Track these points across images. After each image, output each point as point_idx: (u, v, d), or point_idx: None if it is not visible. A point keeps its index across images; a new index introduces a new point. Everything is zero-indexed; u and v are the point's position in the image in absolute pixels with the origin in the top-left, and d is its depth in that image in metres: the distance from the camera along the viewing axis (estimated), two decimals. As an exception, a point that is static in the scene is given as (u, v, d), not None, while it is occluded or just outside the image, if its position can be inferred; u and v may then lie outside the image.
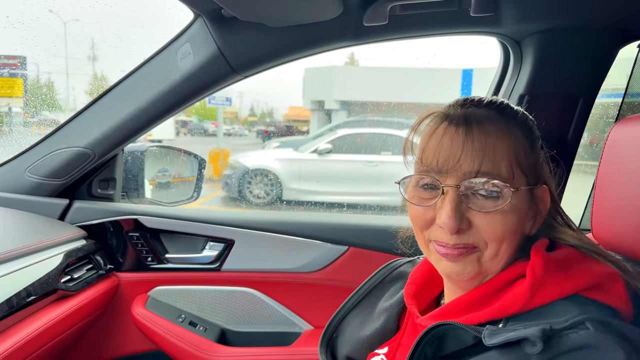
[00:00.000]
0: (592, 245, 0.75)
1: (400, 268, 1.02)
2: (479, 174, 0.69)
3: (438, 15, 1.39)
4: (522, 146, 0.72)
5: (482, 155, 0.69)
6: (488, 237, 0.70)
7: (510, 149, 0.71)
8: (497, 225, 0.69)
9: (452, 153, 0.70)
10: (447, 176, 0.71)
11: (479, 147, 0.69)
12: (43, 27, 3.31)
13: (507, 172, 0.70)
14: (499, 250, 0.71)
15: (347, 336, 0.96)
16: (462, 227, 0.70)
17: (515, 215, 0.70)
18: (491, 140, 0.70)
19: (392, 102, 12.17)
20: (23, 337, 1.17)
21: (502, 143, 0.70)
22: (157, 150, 2.10)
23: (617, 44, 1.38)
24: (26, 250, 1.30)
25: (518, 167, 0.71)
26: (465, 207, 0.70)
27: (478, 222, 0.70)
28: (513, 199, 0.69)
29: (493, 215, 0.69)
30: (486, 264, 0.72)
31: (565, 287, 0.67)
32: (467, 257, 0.72)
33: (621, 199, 0.82)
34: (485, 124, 0.71)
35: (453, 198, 0.70)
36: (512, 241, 0.72)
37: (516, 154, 0.71)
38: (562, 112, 1.44)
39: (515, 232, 0.71)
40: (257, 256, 1.66)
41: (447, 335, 0.69)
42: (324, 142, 8.20)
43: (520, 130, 0.74)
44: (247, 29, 1.40)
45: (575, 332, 0.60)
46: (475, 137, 0.70)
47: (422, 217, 0.74)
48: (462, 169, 0.70)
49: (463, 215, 0.70)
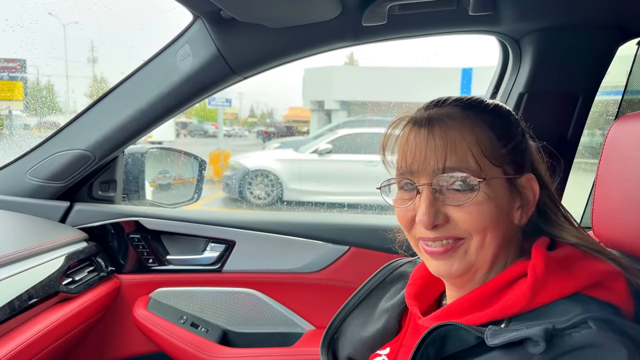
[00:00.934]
0: (593, 243, 0.75)
1: (401, 268, 1.02)
2: (446, 169, 0.72)
3: (437, 14, 1.39)
4: (489, 138, 0.74)
5: (445, 152, 0.72)
6: (469, 227, 0.72)
7: (473, 142, 0.72)
8: (474, 216, 0.71)
9: (417, 153, 0.74)
10: (420, 176, 0.74)
11: (441, 144, 0.72)
12: (42, 29, 3.31)
13: (474, 164, 0.72)
14: (484, 240, 0.72)
15: (348, 337, 0.96)
16: (438, 222, 0.72)
17: (492, 205, 0.72)
18: (452, 136, 0.72)
19: (391, 101, 12.17)
20: (25, 339, 1.17)
21: (465, 137, 0.72)
22: (157, 152, 2.10)
23: (617, 42, 1.39)
24: (27, 253, 1.30)
25: (485, 158, 0.72)
26: (440, 203, 0.73)
27: (455, 216, 0.72)
28: (486, 190, 0.71)
29: (468, 207, 0.71)
30: (473, 256, 0.73)
31: (567, 286, 0.67)
32: (453, 254, 0.73)
33: (621, 196, 0.82)
34: (446, 122, 0.74)
35: (427, 195, 0.73)
36: (497, 231, 0.72)
37: (482, 146, 0.73)
38: (561, 110, 1.44)
39: (497, 222, 0.72)
40: (258, 257, 1.66)
41: (449, 336, 0.69)
42: (324, 143, 8.20)
43: (487, 123, 0.75)
44: (246, 30, 1.40)
45: (577, 331, 0.60)
46: (436, 135, 0.73)
47: (404, 217, 0.78)
48: (430, 167, 0.73)
49: (439, 210, 0.72)
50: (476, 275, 0.75)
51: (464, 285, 0.77)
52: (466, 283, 0.77)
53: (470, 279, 0.76)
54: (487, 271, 0.75)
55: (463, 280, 0.76)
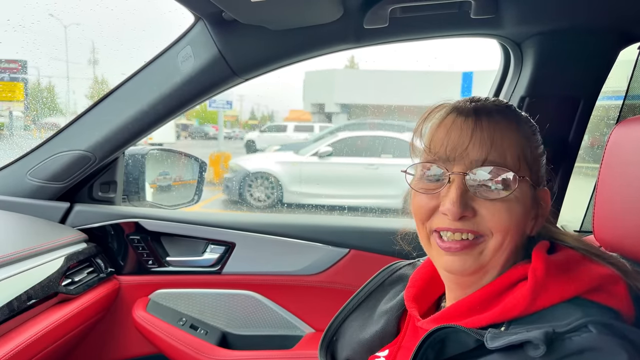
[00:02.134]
0: (592, 247, 0.75)
1: (401, 270, 1.02)
2: (486, 162, 0.70)
3: (438, 17, 1.39)
4: (528, 142, 0.75)
5: (490, 145, 0.71)
6: (493, 226, 0.71)
7: (517, 142, 0.73)
8: (503, 214, 0.70)
9: (460, 142, 0.72)
10: (454, 164, 0.72)
11: (487, 136, 0.71)
12: (44, 30, 3.32)
13: (514, 162, 0.71)
14: (503, 242, 0.71)
15: (347, 339, 0.96)
16: (466, 214, 0.70)
17: (520, 207, 0.71)
18: (499, 131, 0.72)
19: (392, 104, 12.19)
20: (24, 340, 1.16)
21: (510, 135, 0.72)
22: (157, 153, 2.10)
23: (618, 46, 1.39)
24: (27, 253, 1.30)
25: (524, 160, 0.73)
26: (470, 195, 0.71)
27: (483, 211, 0.71)
28: (518, 190, 0.70)
29: (499, 204, 0.70)
30: (488, 257, 0.72)
31: (567, 289, 0.67)
32: (470, 252, 0.72)
33: (623, 200, 0.82)
34: (494, 116, 0.73)
35: (459, 185, 0.71)
36: (516, 235, 0.72)
37: (523, 148, 0.73)
38: (563, 114, 1.44)
39: (519, 225, 0.72)
40: (258, 259, 1.66)
41: (449, 339, 0.68)
42: (324, 145, 8.21)
43: (525, 128, 0.76)
44: (247, 31, 1.40)
45: (578, 335, 0.60)
46: (484, 127, 0.72)
47: (425, 206, 0.75)
48: (470, 157, 0.71)
49: (467, 203, 0.71)
50: (485, 276, 0.75)
51: (469, 286, 0.76)
52: (473, 283, 0.76)
53: (479, 279, 0.75)
54: (496, 274, 0.74)
55: (472, 279, 0.75)
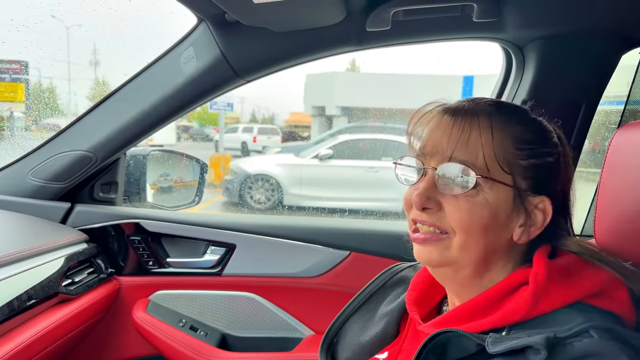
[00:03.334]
0: (594, 252, 0.74)
1: (402, 273, 1.01)
2: (452, 159, 0.72)
3: (441, 20, 1.39)
4: (509, 144, 0.72)
5: (456, 142, 0.72)
6: (454, 223, 0.72)
7: (490, 143, 0.71)
8: (463, 212, 0.71)
9: (435, 137, 0.75)
10: (431, 159, 0.75)
11: (456, 134, 0.72)
12: (46, 31, 3.33)
13: (482, 163, 0.71)
14: (467, 241, 0.71)
15: (347, 341, 0.96)
16: (428, 206, 0.73)
17: (486, 210, 0.71)
18: (469, 131, 0.72)
19: (393, 108, 12.19)
20: (24, 340, 1.16)
21: (483, 135, 0.72)
22: (159, 154, 2.10)
23: (620, 51, 1.39)
24: (28, 253, 1.30)
25: (496, 162, 0.71)
26: (438, 190, 0.73)
27: (446, 206, 0.73)
28: (486, 193, 0.70)
29: (461, 202, 0.71)
30: (454, 253, 0.73)
31: (569, 294, 0.66)
32: (433, 244, 0.74)
33: (624, 204, 0.82)
34: (472, 116, 0.74)
35: (428, 178, 0.74)
36: (483, 238, 0.71)
37: (502, 150, 0.71)
38: (564, 118, 1.42)
39: (486, 228, 0.71)
40: (258, 261, 1.66)
41: (450, 343, 0.68)
42: (325, 148, 8.22)
43: (514, 130, 0.73)
44: (250, 33, 1.40)
45: (579, 340, 0.60)
46: (456, 125, 0.73)
47: (407, 197, 0.79)
48: (441, 153, 0.73)
49: (434, 196, 0.73)
50: (460, 273, 0.75)
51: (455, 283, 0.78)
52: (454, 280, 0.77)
53: (455, 275, 0.76)
54: (473, 273, 0.74)
55: (445, 273, 0.77)
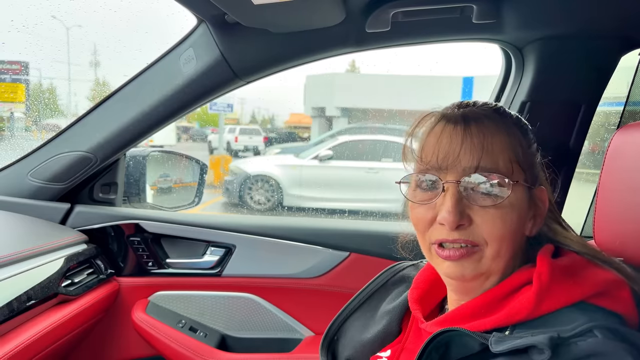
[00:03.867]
0: (598, 252, 0.75)
1: (404, 271, 1.01)
2: (478, 169, 0.70)
3: (440, 22, 1.39)
4: (520, 144, 0.74)
5: (481, 151, 0.70)
6: (488, 235, 0.70)
7: (508, 145, 0.72)
8: (497, 222, 0.70)
9: (451, 149, 0.72)
10: (447, 173, 0.72)
11: (478, 142, 0.71)
12: (46, 32, 3.33)
13: (506, 167, 0.71)
14: (500, 250, 0.71)
15: (348, 339, 0.95)
16: (462, 222, 0.70)
17: (515, 213, 0.71)
18: (489, 137, 0.71)
19: (393, 109, 12.20)
20: (23, 341, 1.16)
21: (500, 139, 0.72)
22: (158, 155, 2.10)
23: (619, 52, 1.39)
24: (27, 254, 1.30)
25: (517, 163, 0.72)
26: (465, 203, 0.71)
27: (478, 219, 0.70)
28: (512, 196, 0.70)
29: (493, 211, 0.70)
30: (487, 263, 0.72)
31: (572, 294, 0.66)
32: (468, 259, 0.71)
33: (623, 206, 0.82)
34: (483, 121, 0.73)
35: (453, 193, 0.70)
36: (513, 241, 0.72)
37: (514, 151, 0.73)
38: (564, 119, 1.44)
39: (515, 231, 0.72)
40: (258, 261, 1.66)
41: (453, 342, 0.68)
42: (324, 149, 8.21)
43: (516, 129, 0.75)
44: (250, 34, 1.40)
45: (583, 339, 0.60)
46: (473, 134, 0.71)
47: (423, 218, 0.74)
48: (462, 164, 0.71)
49: (463, 211, 0.70)
50: (487, 281, 0.74)
51: (472, 291, 0.76)
52: (475, 289, 0.75)
53: (481, 284, 0.75)
54: (497, 279, 0.74)
55: (473, 285, 0.75)
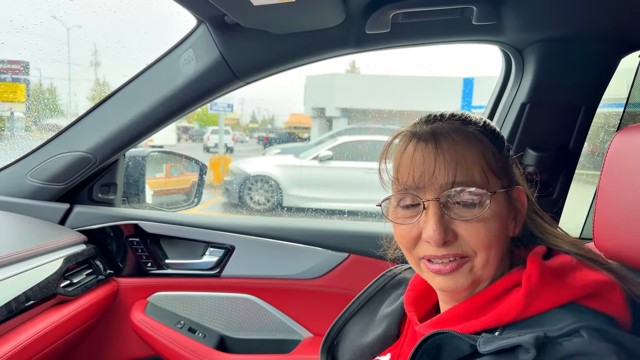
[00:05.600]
0: (589, 252, 0.75)
1: (401, 274, 1.02)
2: (455, 184, 0.71)
3: (440, 23, 1.39)
4: (491, 151, 0.75)
5: (455, 166, 0.71)
6: (475, 245, 0.71)
7: (480, 155, 0.73)
8: (481, 232, 0.71)
9: (425, 168, 0.72)
10: (426, 191, 0.73)
11: (450, 158, 0.71)
12: (46, 32, 3.33)
13: (481, 177, 0.72)
14: (488, 258, 0.72)
15: (348, 343, 0.96)
16: (448, 238, 0.71)
17: (497, 221, 0.72)
18: (460, 150, 0.72)
19: (393, 109, 12.21)
20: (22, 341, 1.16)
21: (471, 151, 0.73)
22: (158, 155, 2.10)
23: (619, 54, 1.39)
24: (26, 254, 1.30)
25: (490, 171, 0.73)
26: (448, 218, 0.71)
27: (463, 232, 0.71)
28: (492, 204, 0.71)
29: (475, 223, 0.71)
30: (478, 272, 0.73)
31: (561, 295, 0.67)
32: (459, 270, 0.72)
33: (623, 208, 0.82)
34: (452, 136, 0.73)
35: (435, 211, 0.71)
36: (500, 245, 0.73)
37: (486, 159, 0.73)
38: (563, 121, 1.44)
39: (499, 237, 0.72)
40: (257, 262, 1.66)
41: (444, 344, 0.68)
42: (324, 149, 8.21)
43: (486, 137, 0.76)
44: (249, 35, 1.40)
45: (569, 339, 0.60)
46: (445, 150, 0.72)
47: (407, 236, 0.75)
48: (438, 181, 0.71)
49: (447, 226, 0.71)
50: (478, 287, 0.75)
51: (463, 298, 0.77)
52: (466, 296, 0.76)
53: (472, 291, 0.76)
54: (488, 284, 0.75)
55: (465, 293, 0.76)
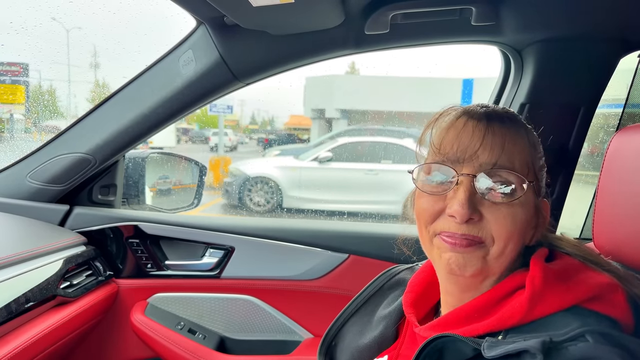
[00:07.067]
0: (591, 255, 0.75)
1: (399, 275, 1.01)
2: (496, 166, 0.71)
3: (439, 24, 1.39)
4: (534, 151, 0.75)
5: (501, 149, 0.71)
6: (497, 232, 0.70)
7: (525, 149, 0.73)
8: (508, 219, 0.70)
9: (471, 144, 0.72)
10: (464, 166, 0.72)
11: (499, 141, 0.71)
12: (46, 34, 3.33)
13: (522, 168, 0.72)
14: (505, 249, 0.71)
15: (346, 344, 0.95)
16: (473, 217, 0.70)
17: (524, 214, 0.71)
18: (510, 137, 0.72)
19: (392, 110, 12.21)
20: (21, 343, 1.16)
21: (520, 142, 0.73)
22: (157, 156, 2.10)
23: (618, 54, 1.39)
24: (26, 255, 1.30)
25: (531, 166, 0.73)
26: (478, 198, 0.71)
27: (489, 215, 0.70)
28: (524, 197, 0.71)
29: (504, 209, 0.70)
30: (490, 262, 0.71)
31: (565, 298, 0.66)
32: (473, 252, 0.71)
33: (622, 208, 0.82)
34: (506, 122, 0.74)
35: (467, 187, 0.70)
36: (519, 242, 0.72)
37: (530, 156, 0.74)
38: (563, 121, 1.44)
39: (522, 232, 0.72)
40: (257, 263, 1.66)
41: (446, 348, 0.68)
42: (324, 151, 8.21)
43: (531, 138, 0.77)
44: (249, 36, 1.40)
45: (574, 344, 0.60)
46: (495, 132, 0.72)
47: (430, 209, 0.74)
48: (480, 159, 0.71)
49: (475, 206, 0.70)
50: (484, 282, 0.74)
51: (467, 288, 0.76)
52: (470, 287, 0.75)
53: (478, 284, 0.75)
54: (495, 280, 0.74)
55: (472, 282, 0.74)
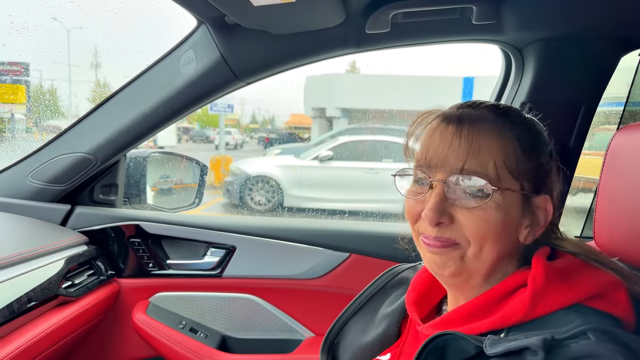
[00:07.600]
0: (594, 253, 0.74)
1: (402, 274, 1.01)
2: (463, 170, 0.71)
3: (440, 23, 1.39)
4: (515, 149, 0.72)
5: (468, 153, 0.71)
6: (469, 234, 0.71)
7: (500, 150, 0.71)
8: (479, 222, 0.70)
9: (440, 149, 0.73)
10: (437, 171, 0.74)
11: (466, 144, 0.71)
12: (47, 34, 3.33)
13: (493, 172, 0.71)
14: (481, 250, 0.71)
15: (348, 342, 0.96)
16: (442, 220, 0.71)
17: (500, 216, 0.70)
18: (478, 140, 0.71)
19: (393, 109, 12.20)
20: (23, 342, 1.16)
21: (491, 143, 0.71)
22: (159, 156, 2.10)
23: (619, 52, 1.39)
24: (27, 255, 1.30)
25: (506, 169, 0.71)
26: (449, 203, 0.72)
27: (460, 218, 0.71)
28: (498, 199, 0.70)
29: (475, 212, 0.70)
30: (469, 262, 0.72)
31: (567, 296, 0.66)
32: (449, 253, 0.73)
33: (623, 206, 0.82)
34: (477, 124, 0.73)
35: (438, 192, 0.72)
36: (498, 243, 0.71)
37: (506, 156, 0.72)
38: (563, 119, 1.44)
39: (500, 234, 0.71)
40: (258, 262, 1.66)
41: (449, 345, 0.68)
42: (325, 149, 8.21)
43: (517, 135, 0.74)
44: (250, 35, 1.41)
45: (576, 342, 0.60)
46: (463, 135, 0.72)
47: (412, 211, 0.77)
48: (449, 164, 0.72)
49: (445, 210, 0.72)
50: (470, 280, 0.75)
51: (461, 288, 0.77)
52: (462, 286, 0.76)
53: (465, 282, 0.75)
54: (483, 279, 0.74)
55: (457, 281, 0.76)
